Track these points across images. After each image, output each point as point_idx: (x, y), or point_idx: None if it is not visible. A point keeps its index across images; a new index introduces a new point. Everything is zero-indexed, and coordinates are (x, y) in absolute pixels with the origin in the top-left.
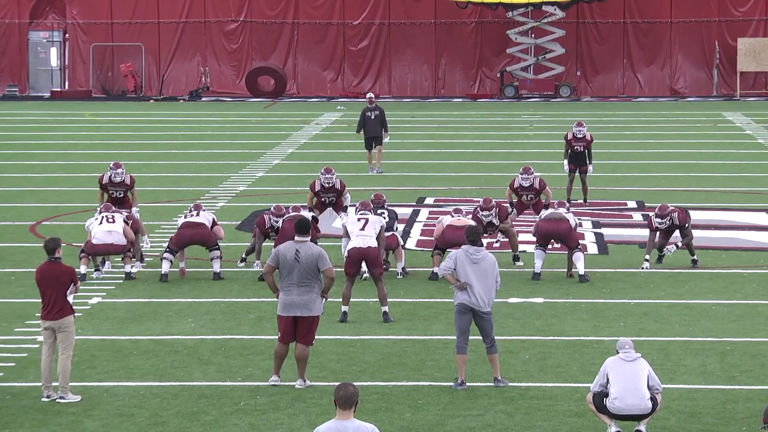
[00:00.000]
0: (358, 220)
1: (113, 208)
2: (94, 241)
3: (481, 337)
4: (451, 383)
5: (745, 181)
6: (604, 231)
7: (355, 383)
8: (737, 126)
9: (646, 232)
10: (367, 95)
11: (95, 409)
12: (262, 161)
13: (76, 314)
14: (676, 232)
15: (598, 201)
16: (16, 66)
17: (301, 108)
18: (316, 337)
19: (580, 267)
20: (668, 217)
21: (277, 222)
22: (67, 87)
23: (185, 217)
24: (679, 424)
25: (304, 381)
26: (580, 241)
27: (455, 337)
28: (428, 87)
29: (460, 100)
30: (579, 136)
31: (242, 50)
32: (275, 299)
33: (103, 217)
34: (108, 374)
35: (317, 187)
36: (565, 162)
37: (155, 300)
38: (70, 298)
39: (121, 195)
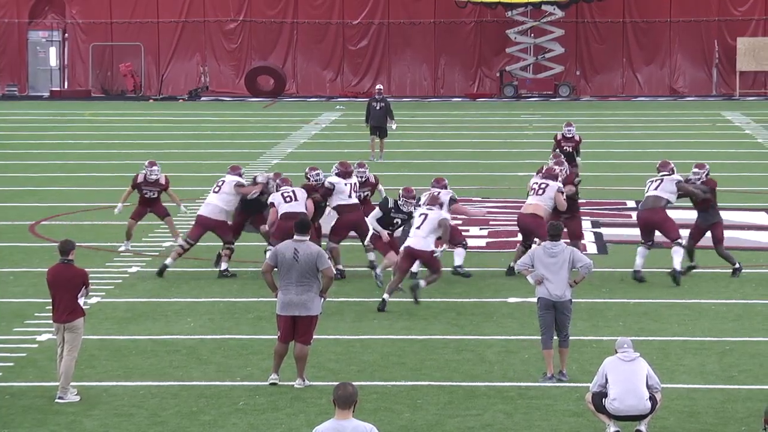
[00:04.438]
0: (420, 215)
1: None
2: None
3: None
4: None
5: (745, 181)
6: (604, 231)
7: (354, 383)
8: (736, 125)
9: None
10: (376, 87)
11: (94, 409)
12: (262, 161)
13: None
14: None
15: (598, 201)
16: (16, 65)
17: (300, 108)
18: (315, 336)
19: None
20: (705, 170)
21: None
22: (66, 87)
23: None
24: (678, 423)
25: (303, 380)
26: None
27: (539, 336)
28: (427, 86)
29: (460, 99)
30: (568, 136)
31: (241, 50)
32: (274, 299)
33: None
34: (107, 374)
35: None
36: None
37: (154, 300)
38: (81, 301)
39: (155, 196)
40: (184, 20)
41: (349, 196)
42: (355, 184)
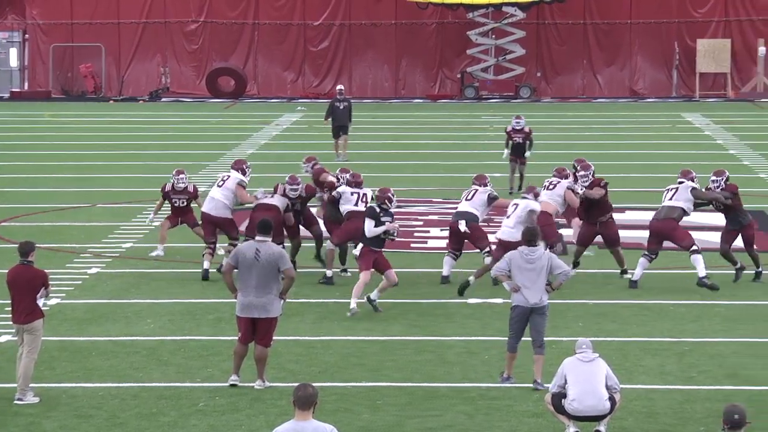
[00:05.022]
0: (511, 205)
1: None
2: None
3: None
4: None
5: (705, 182)
6: (564, 231)
7: (314, 384)
8: (696, 127)
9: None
10: (338, 87)
11: (53, 411)
12: (222, 162)
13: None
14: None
15: None
16: None
17: (261, 109)
18: (275, 337)
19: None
20: (723, 177)
21: (294, 191)
22: (26, 87)
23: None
24: (637, 424)
25: (264, 382)
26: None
27: (499, 337)
28: (389, 88)
29: (421, 100)
30: (518, 128)
31: (202, 51)
32: (234, 300)
33: None
34: (66, 375)
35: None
36: (506, 152)
37: (114, 301)
38: (41, 302)
39: (185, 204)
40: (145, 21)
41: (356, 205)
42: (364, 194)
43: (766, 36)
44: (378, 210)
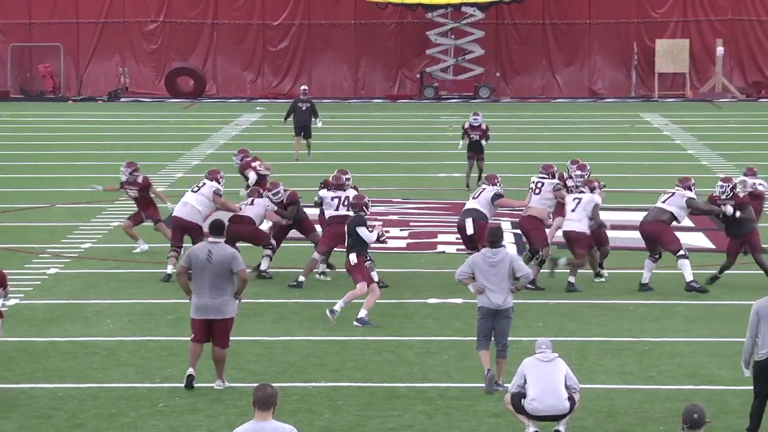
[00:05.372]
0: (573, 199)
1: None
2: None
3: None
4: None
5: (663, 182)
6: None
7: (274, 384)
8: (655, 127)
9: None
10: (301, 87)
11: (12, 412)
12: (181, 162)
13: None
14: None
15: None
16: None
17: (220, 109)
18: (235, 338)
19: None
20: (730, 184)
21: (276, 196)
22: None
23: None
24: (597, 424)
25: (223, 382)
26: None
27: (475, 338)
28: (348, 88)
29: (380, 100)
30: (475, 124)
31: (161, 51)
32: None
33: None
34: (25, 376)
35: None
36: (461, 143)
37: (74, 301)
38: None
39: (136, 195)
40: (104, 21)
41: (337, 209)
42: (346, 197)
43: (724, 36)
44: (365, 216)
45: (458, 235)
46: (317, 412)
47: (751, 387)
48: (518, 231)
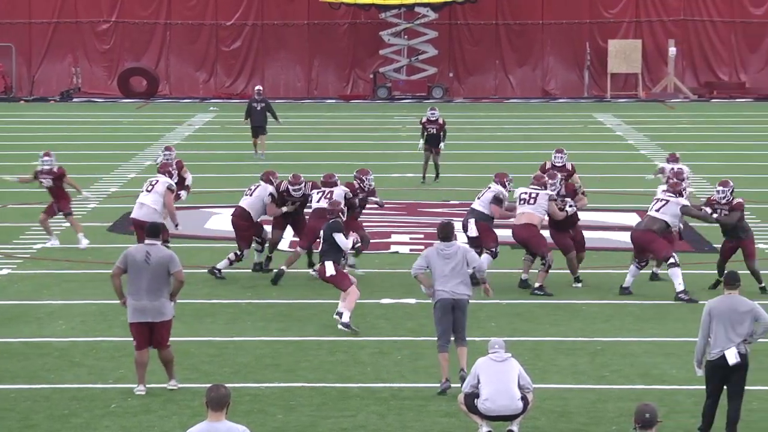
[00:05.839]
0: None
1: None
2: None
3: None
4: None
5: (615, 182)
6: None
7: (227, 385)
8: (607, 127)
9: None
10: (256, 87)
11: None
12: (134, 162)
13: None
14: None
15: (470, 202)
16: None
17: (173, 109)
18: (187, 338)
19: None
20: (730, 188)
21: (297, 191)
22: None
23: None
24: (550, 423)
25: (175, 382)
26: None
27: (435, 338)
28: (301, 88)
29: (334, 101)
30: (432, 119)
31: (114, 51)
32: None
33: None
34: None
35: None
36: (421, 142)
37: (26, 302)
38: None
39: (50, 184)
40: (56, 21)
41: (318, 201)
42: (330, 192)
43: (676, 37)
44: (341, 223)
45: (412, 236)
46: (270, 413)
47: (703, 386)
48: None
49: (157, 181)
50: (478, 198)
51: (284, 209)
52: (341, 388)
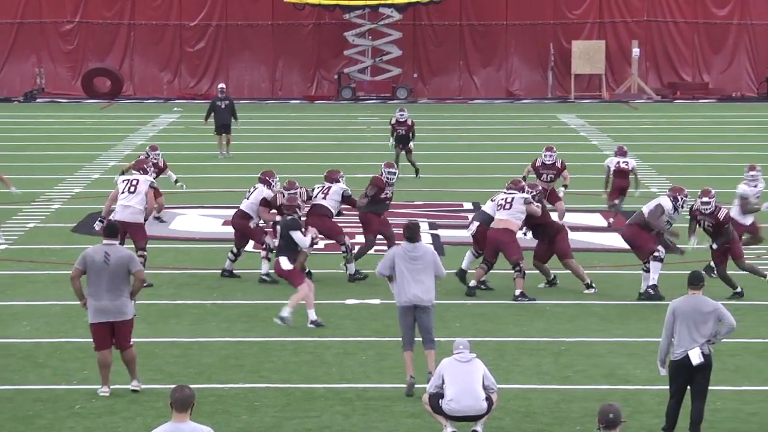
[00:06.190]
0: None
1: None
2: None
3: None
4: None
5: (579, 183)
6: (441, 232)
7: (191, 385)
8: (571, 128)
9: None
10: (219, 86)
11: None
12: (98, 163)
13: None
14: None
15: (434, 202)
16: None
17: (137, 109)
18: (151, 339)
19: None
20: (714, 198)
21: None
22: None
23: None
24: (514, 423)
25: (138, 382)
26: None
27: (393, 339)
28: (266, 88)
29: (298, 101)
30: (401, 120)
31: (78, 51)
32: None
33: None
34: None
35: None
36: (391, 140)
37: None
38: None
39: None
40: (20, 21)
41: (315, 197)
42: (328, 187)
43: (640, 37)
44: (298, 220)
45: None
46: (235, 414)
47: (667, 387)
48: (434, 232)
49: (138, 180)
50: (491, 200)
51: (278, 218)
52: (306, 388)
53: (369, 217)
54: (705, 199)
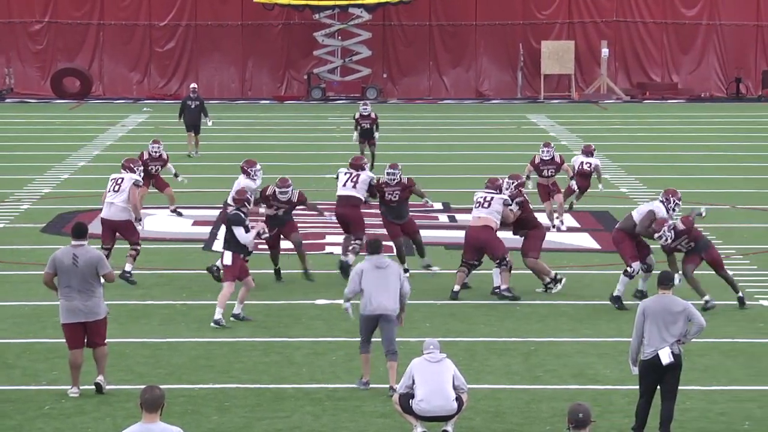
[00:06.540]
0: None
1: None
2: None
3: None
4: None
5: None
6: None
7: (161, 386)
8: (541, 128)
9: (451, 234)
10: (191, 86)
11: None
12: (68, 163)
13: None
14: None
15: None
16: None
17: (107, 110)
18: (122, 339)
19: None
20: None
21: (284, 194)
22: None
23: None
24: (484, 423)
25: (104, 379)
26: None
27: (354, 338)
28: (235, 89)
29: (268, 102)
30: (365, 114)
31: (47, 51)
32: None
33: None
34: None
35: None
36: (355, 134)
37: None
38: None
39: None
40: None
41: (344, 185)
42: (356, 175)
43: (609, 38)
44: (243, 215)
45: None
46: (205, 414)
47: (637, 386)
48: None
49: (123, 179)
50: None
51: (261, 210)
52: (276, 389)
53: (391, 227)
54: (682, 224)
